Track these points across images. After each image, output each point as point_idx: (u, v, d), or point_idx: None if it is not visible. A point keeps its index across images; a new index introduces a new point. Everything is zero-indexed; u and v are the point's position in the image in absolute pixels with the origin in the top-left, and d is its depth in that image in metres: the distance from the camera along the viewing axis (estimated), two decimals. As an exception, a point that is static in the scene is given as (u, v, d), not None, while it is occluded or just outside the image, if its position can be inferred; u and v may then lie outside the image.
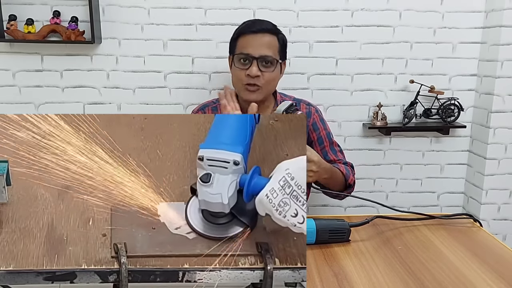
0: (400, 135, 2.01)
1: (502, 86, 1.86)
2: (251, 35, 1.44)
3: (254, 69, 1.42)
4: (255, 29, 1.44)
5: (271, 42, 1.45)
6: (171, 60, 1.88)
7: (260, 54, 1.42)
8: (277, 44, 1.47)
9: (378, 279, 0.99)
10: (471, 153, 2.03)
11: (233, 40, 1.50)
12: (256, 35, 1.44)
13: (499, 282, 0.98)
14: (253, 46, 1.43)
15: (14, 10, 1.80)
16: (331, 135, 1.59)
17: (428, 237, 1.20)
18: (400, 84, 1.96)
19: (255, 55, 1.42)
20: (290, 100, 1.61)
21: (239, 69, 1.45)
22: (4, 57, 1.85)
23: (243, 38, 1.46)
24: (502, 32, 1.81)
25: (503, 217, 1.99)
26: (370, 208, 2.05)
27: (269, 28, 1.46)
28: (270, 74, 1.44)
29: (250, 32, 1.45)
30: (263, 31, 1.45)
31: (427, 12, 1.90)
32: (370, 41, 1.91)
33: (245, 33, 1.45)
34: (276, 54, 1.46)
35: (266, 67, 1.44)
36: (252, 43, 1.43)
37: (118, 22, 1.84)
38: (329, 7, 1.87)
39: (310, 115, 1.57)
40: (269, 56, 1.43)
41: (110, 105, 1.91)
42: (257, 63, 1.42)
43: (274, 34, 1.47)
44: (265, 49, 1.43)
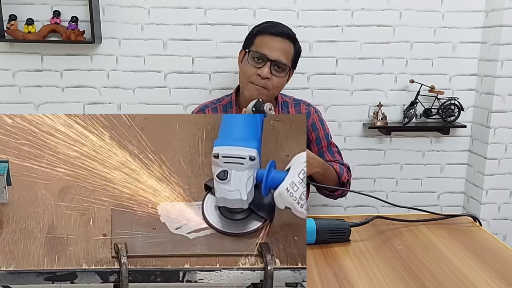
0: (400, 135, 2.01)
1: (502, 86, 1.86)
2: (270, 37, 1.44)
3: (266, 70, 1.42)
4: (276, 32, 1.45)
5: (288, 49, 1.46)
6: (171, 60, 1.88)
7: (275, 57, 1.43)
8: (293, 52, 1.48)
9: (378, 279, 0.99)
10: (471, 153, 2.03)
11: (251, 36, 1.49)
12: (275, 38, 1.44)
13: (499, 282, 0.98)
14: (270, 48, 1.43)
15: (14, 10, 1.80)
16: (329, 136, 1.59)
17: (428, 237, 1.20)
18: (400, 84, 1.96)
19: (270, 57, 1.42)
20: (290, 101, 1.62)
21: (250, 66, 1.45)
22: (4, 57, 1.85)
23: (262, 37, 1.45)
24: (502, 32, 1.81)
25: (503, 217, 1.99)
26: (370, 208, 2.06)
27: (289, 34, 1.47)
28: (279, 79, 1.45)
29: (270, 33, 1.45)
30: (283, 35, 1.45)
31: (427, 12, 1.90)
32: (370, 41, 1.91)
33: (265, 33, 1.45)
34: (290, 62, 1.47)
35: (278, 71, 1.45)
36: (269, 45, 1.43)
37: (118, 22, 1.84)
38: (329, 7, 1.87)
39: (309, 115, 1.58)
40: (283, 62, 1.44)
41: (110, 105, 1.91)
42: (270, 65, 1.43)
43: (292, 42, 1.48)
44: (281, 54, 1.44)
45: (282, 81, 1.47)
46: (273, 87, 1.46)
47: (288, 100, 1.61)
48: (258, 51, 1.44)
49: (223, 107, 1.57)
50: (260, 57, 1.43)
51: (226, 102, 1.58)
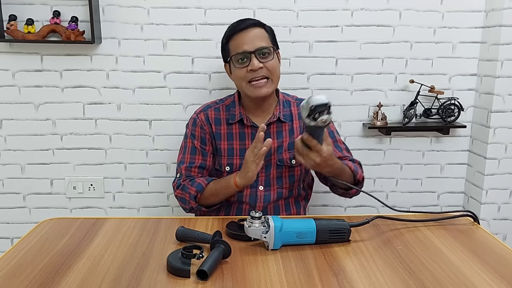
0: (400, 135, 2.01)
1: (502, 86, 1.86)
2: (240, 33, 1.45)
3: (255, 62, 1.42)
4: (243, 26, 1.46)
5: (261, 34, 1.47)
6: (171, 60, 1.88)
7: (256, 47, 1.43)
8: (267, 35, 1.48)
9: (378, 279, 0.99)
10: (471, 153, 2.03)
11: (224, 46, 1.51)
12: (244, 32, 1.45)
13: (499, 282, 0.98)
14: (246, 42, 1.44)
15: (14, 10, 1.80)
16: (335, 133, 1.59)
17: (428, 237, 1.20)
18: (400, 84, 1.96)
19: (251, 50, 1.43)
20: (292, 100, 1.61)
21: (239, 69, 1.45)
22: (4, 57, 1.85)
23: (233, 39, 1.47)
24: (502, 32, 1.81)
25: (503, 217, 1.99)
26: (370, 208, 2.06)
27: (255, 22, 1.48)
28: (271, 62, 1.45)
29: (238, 30, 1.46)
30: (250, 26, 1.46)
31: (427, 11, 1.90)
32: (370, 41, 1.91)
33: (234, 34, 1.47)
34: (270, 43, 1.47)
35: (265, 57, 1.44)
36: (244, 40, 1.44)
37: (118, 22, 1.84)
38: (329, 7, 1.87)
39: None
40: (265, 46, 1.44)
41: (109, 105, 1.91)
42: (256, 56, 1.43)
43: (261, 27, 1.49)
44: (259, 41, 1.44)
45: (274, 63, 1.46)
46: (271, 73, 1.45)
47: (290, 99, 1.60)
48: (237, 52, 1.44)
49: (226, 107, 1.56)
50: (242, 56, 1.44)
51: (229, 102, 1.57)
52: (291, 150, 1.52)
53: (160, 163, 1.98)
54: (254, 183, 1.49)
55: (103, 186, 1.99)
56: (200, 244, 1.11)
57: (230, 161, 1.53)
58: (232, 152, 1.53)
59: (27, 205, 1.99)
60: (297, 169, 1.54)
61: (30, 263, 1.06)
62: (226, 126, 1.54)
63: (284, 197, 1.55)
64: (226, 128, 1.54)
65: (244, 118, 1.52)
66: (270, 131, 1.52)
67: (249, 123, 1.52)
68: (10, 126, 1.91)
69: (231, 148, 1.53)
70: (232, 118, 1.53)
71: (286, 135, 1.54)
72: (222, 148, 1.53)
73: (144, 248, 1.15)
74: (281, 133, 1.53)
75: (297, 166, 1.53)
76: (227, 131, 1.53)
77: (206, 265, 0.99)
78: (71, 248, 1.14)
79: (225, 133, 1.53)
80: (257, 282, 0.98)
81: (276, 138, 1.52)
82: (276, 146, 1.52)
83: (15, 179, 1.97)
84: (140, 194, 2.01)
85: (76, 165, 1.97)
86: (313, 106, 1.16)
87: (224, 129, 1.54)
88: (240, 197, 1.53)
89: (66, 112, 1.91)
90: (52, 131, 1.93)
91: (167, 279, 1.00)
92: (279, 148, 1.52)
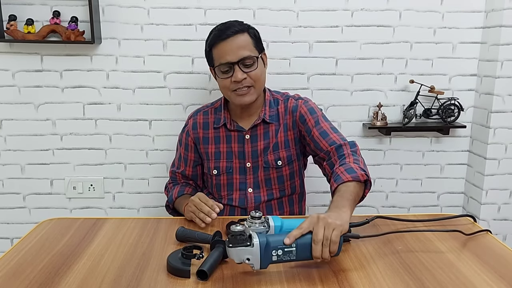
0: (400, 135, 2.01)
1: (502, 86, 1.86)
2: (223, 43, 1.42)
3: (238, 74, 1.40)
4: (224, 36, 1.42)
5: (244, 41, 1.42)
6: (171, 60, 1.88)
7: (238, 57, 1.40)
8: (250, 40, 1.44)
9: (378, 279, 0.99)
10: (471, 153, 2.03)
11: (207, 53, 1.49)
12: (227, 40, 1.41)
13: (500, 282, 0.98)
14: (228, 52, 1.41)
15: (14, 10, 1.80)
16: (321, 120, 1.48)
17: (428, 237, 1.20)
18: (400, 84, 1.96)
19: (234, 60, 1.40)
20: (281, 98, 1.54)
21: (223, 79, 1.44)
22: (4, 57, 1.85)
23: (216, 48, 1.44)
24: (502, 32, 1.81)
25: (503, 217, 1.99)
26: (370, 208, 2.06)
27: (237, 29, 1.43)
28: (255, 72, 1.42)
29: (220, 40, 1.42)
30: (232, 34, 1.42)
31: (427, 12, 1.90)
32: (370, 41, 1.91)
33: (216, 43, 1.43)
34: (254, 51, 1.43)
35: (248, 66, 1.42)
36: (226, 50, 1.41)
37: (118, 22, 1.84)
38: (329, 7, 1.87)
39: (296, 108, 1.51)
40: (248, 56, 1.41)
41: (109, 105, 1.91)
42: (239, 67, 1.41)
43: (243, 32, 1.44)
44: (241, 51, 1.41)
45: (258, 71, 1.43)
46: (255, 81, 1.43)
47: (279, 97, 1.56)
48: (220, 62, 1.42)
49: (214, 110, 1.57)
50: (226, 67, 1.42)
51: (218, 106, 1.57)
52: (276, 151, 1.51)
53: (160, 163, 1.98)
54: (243, 186, 1.52)
55: (103, 186, 1.99)
56: (200, 244, 1.11)
57: (217, 164, 1.53)
58: (219, 155, 1.53)
59: (27, 205, 1.99)
60: (285, 168, 1.52)
61: (30, 263, 1.06)
62: (213, 130, 1.54)
63: (276, 197, 1.55)
64: (213, 132, 1.54)
65: (228, 122, 1.52)
66: (256, 133, 1.51)
67: (233, 127, 1.51)
68: (10, 126, 1.91)
69: (218, 152, 1.53)
70: (217, 122, 1.53)
71: (273, 135, 1.51)
72: (210, 152, 1.54)
73: (144, 248, 1.15)
74: (267, 134, 1.51)
75: (284, 166, 1.52)
76: (214, 134, 1.54)
77: (206, 265, 0.99)
78: (71, 248, 1.14)
79: (212, 136, 1.54)
80: (257, 282, 0.98)
81: (262, 140, 1.51)
82: (262, 147, 1.51)
83: (15, 179, 1.97)
84: (140, 194, 2.01)
85: (76, 165, 1.97)
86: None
87: (212, 132, 1.54)
88: (230, 201, 1.54)
89: (66, 112, 1.91)
90: (52, 131, 1.93)
91: (167, 279, 1.00)
92: (265, 150, 1.51)
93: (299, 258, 1.01)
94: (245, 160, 1.52)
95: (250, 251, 0.97)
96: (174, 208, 1.55)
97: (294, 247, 0.99)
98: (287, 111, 1.52)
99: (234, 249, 0.97)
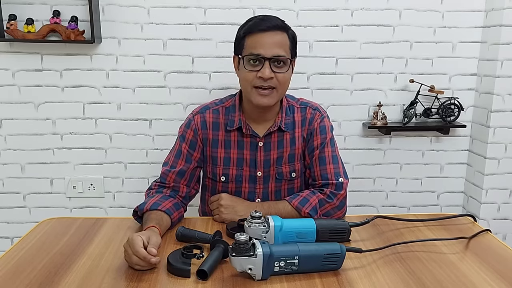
0: (400, 135, 2.01)
1: (502, 86, 1.86)
2: (260, 34, 1.31)
3: (267, 71, 1.29)
4: (265, 27, 1.31)
5: (282, 40, 1.32)
6: (171, 60, 1.88)
7: (273, 54, 1.29)
8: (288, 41, 1.34)
9: (378, 279, 0.99)
10: (471, 153, 2.03)
11: (239, 39, 1.36)
12: (266, 33, 1.31)
13: (500, 281, 0.98)
14: (263, 45, 1.30)
15: (14, 9, 1.80)
16: (327, 143, 1.41)
17: (428, 237, 1.20)
18: (400, 83, 1.96)
19: (267, 56, 1.29)
20: (296, 105, 1.45)
21: (249, 71, 1.32)
22: (4, 57, 1.85)
23: (251, 37, 1.32)
24: (502, 32, 1.81)
25: (503, 216, 1.99)
26: (370, 208, 2.06)
27: (279, 24, 1.33)
28: (283, 75, 1.32)
29: (259, 30, 1.31)
30: (273, 28, 1.31)
31: (427, 11, 1.90)
32: (370, 40, 1.91)
33: (253, 32, 1.32)
34: (288, 53, 1.33)
35: (279, 67, 1.31)
36: (262, 43, 1.30)
37: (118, 22, 1.84)
38: (329, 6, 1.87)
39: (312, 122, 1.43)
40: (282, 55, 1.31)
41: (109, 105, 1.91)
42: (270, 64, 1.30)
43: (284, 31, 1.33)
44: (277, 48, 1.30)
45: (287, 76, 1.34)
46: (280, 85, 1.32)
47: (294, 103, 1.45)
48: (252, 53, 1.31)
49: (225, 109, 1.42)
50: (256, 59, 1.30)
51: (229, 105, 1.43)
52: (291, 163, 1.42)
53: (160, 163, 1.95)
54: (251, 196, 1.42)
55: (103, 185, 1.99)
56: (200, 244, 1.11)
57: (226, 171, 1.41)
58: (229, 162, 1.41)
59: (27, 205, 1.99)
60: (297, 181, 1.44)
61: (30, 263, 1.06)
62: (224, 133, 1.40)
63: None
64: (224, 135, 1.40)
65: (244, 126, 1.39)
66: (270, 141, 1.40)
67: (249, 132, 1.39)
68: (10, 126, 1.91)
69: (228, 157, 1.41)
70: (231, 124, 1.39)
71: (287, 145, 1.41)
72: (218, 157, 1.41)
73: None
74: (281, 143, 1.41)
75: (297, 178, 1.44)
76: (225, 138, 1.40)
77: (206, 265, 1.00)
78: (71, 248, 1.14)
79: (222, 140, 1.41)
80: (257, 282, 0.98)
81: (276, 149, 1.41)
82: (275, 157, 1.41)
83: (15, 178, 1.97)
84: (140, 194, 2.01)
85: (76, 165, 1.97)
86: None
87: (222, 135, 1.40)
88: None
89: (66, 112, 1.91)
90: (52, 130, 1.93)
91: (167, 279, 1.00)
92: (279, 160, 1.41)
93: (301, 270, 1.01)
94: (256, 168, 1.41)
95: (253, 261, 0.97)
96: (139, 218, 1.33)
97: (297, 259, 1.00)
98: (304, 121, 1.42)
99: (237, 258, 0.97)
